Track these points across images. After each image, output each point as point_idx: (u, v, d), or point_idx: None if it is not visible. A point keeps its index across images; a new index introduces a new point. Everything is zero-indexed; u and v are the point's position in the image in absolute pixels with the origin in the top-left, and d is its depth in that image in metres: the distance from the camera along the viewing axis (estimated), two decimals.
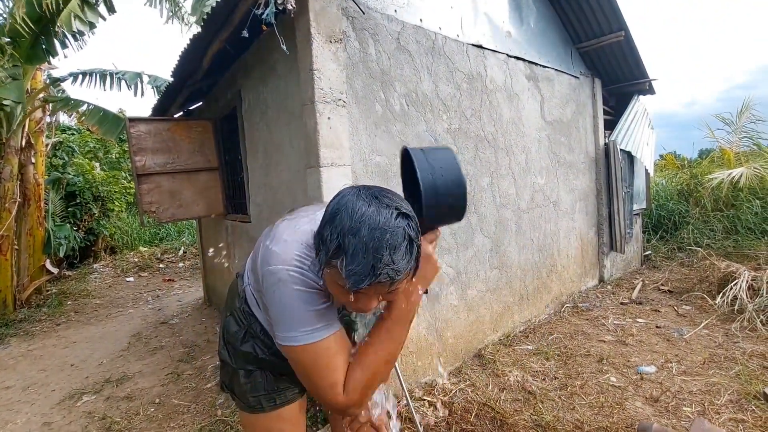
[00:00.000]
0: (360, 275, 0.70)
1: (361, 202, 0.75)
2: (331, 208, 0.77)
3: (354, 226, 0.72)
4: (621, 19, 3.94)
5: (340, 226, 0.73)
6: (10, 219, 4.70)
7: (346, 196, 0.77)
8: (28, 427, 2.48)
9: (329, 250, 0.73)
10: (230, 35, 2.46)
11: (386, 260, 0.71)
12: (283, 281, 0.84)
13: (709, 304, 3.69)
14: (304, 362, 0.86)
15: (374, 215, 0.72)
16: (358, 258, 0.70)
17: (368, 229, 0.71)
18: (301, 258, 0.86)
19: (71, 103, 5.08)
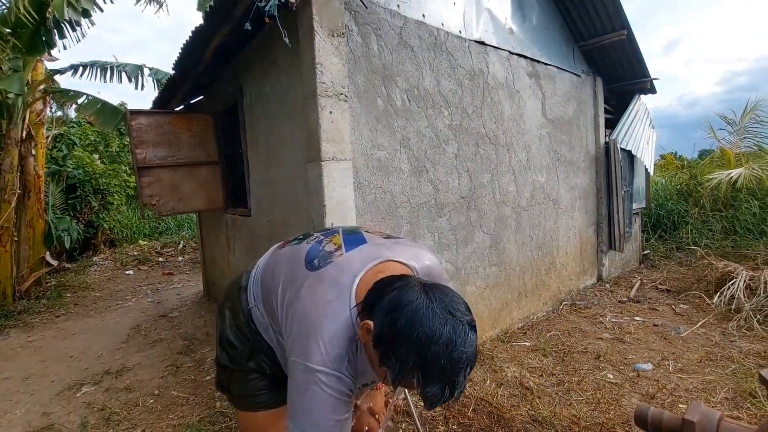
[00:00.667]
0: (438, 398, 0.71)
1: (437, 319, 0.72)
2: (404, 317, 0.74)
3: (434, 349, 0.71)
4: (623, 17, 3.93)
5: (417, 346, 0.71)
6: (10, 210, 4.70)
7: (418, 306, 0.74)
8: (28, 417, 2.49)
9: (405, 370, 0.72)
10: (233, 28, 2.46)
11: (461, 382, 0.72)
12: (320, 384, 0.82)
13: (706, 304, 3.71)
14: None
15: (451, 335, 0.72)
16: (436, 382, 0.71)
17: (447, 356, 0.70)
18: (347, 360, 0.84)
19: (70, 95, 5.07)
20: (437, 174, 2.76)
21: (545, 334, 3.32)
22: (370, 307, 0.81)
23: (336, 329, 0.86)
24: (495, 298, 3.23)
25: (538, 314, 3.68)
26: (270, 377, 1.15)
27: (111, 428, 2.31)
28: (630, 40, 4.14)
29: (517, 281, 3.45)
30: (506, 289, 3.35)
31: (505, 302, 3.33)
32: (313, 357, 0.83)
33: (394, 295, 0.78)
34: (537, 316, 3.67)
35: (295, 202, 2.52)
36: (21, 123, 4.83)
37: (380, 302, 0.79)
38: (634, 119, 4.80)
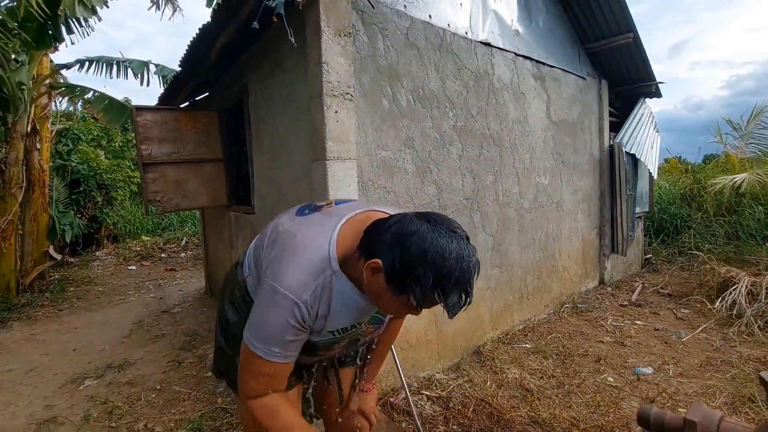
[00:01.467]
0: (458, 306, 0.82)
1: (445, 239, 0.81)
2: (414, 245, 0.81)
3: (448, 264, 0.79)
4: (630, 20, 3.93)
5: (434, 266, 0.79)
6: (16, 204, 4.73)
7: (427, 233, 0.82)
8: (31, 409, 2.51)
9: (426, 290, 0.80)
10: (239, 27, 2.47)
11: (471, 286, 0.83)
12: (282, 307, 0.88)
13: (708, 309, 3.71)
14: (248, 363, 0.95)
15: (458, 250, 0.81)
16: (454, 293, 0.81)
17: (458, 267, 0.80)
18: (312, 293, 0.90)
19: (77, 90, 5.10)
20: (441, 175, 2.77)
21: (546, 336, 3.32)
22: (368, 249, 0.86)
23: (309, 258, 0.91)
24: (496, 300, 3.24)
25: (539, 316, 3.69)
26: None
27: (113, 422, 2.33)
28: (636, 43, 4.14)
29: (518, 283, 3.46)
30: (508, 290, 3.35)
31: (506, 304, 3.34)
32: (280, 279, 0.89)
33: (396, 228, 0.84)
34: (538, 318, 3.67)
35: (300, 201, 2.51)
36: (26, 117, 4.86)
37: (381, 239, 0.85)
38: (639, 123, 4.80)
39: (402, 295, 0.83)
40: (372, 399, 1.33)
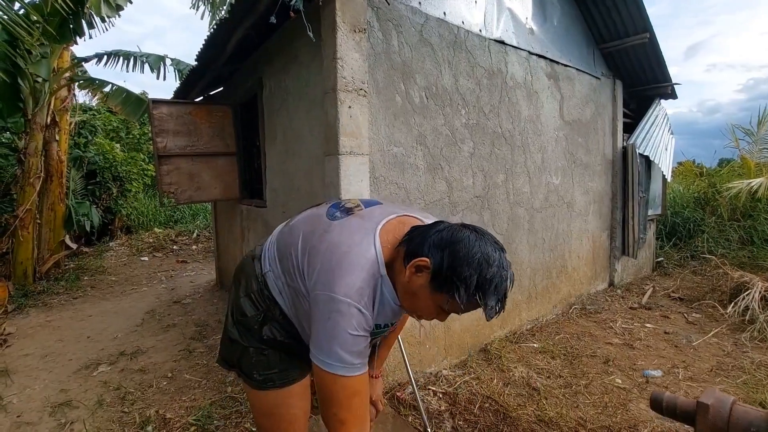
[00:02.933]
0: (494, 311, 0.87)
1: (490, 247, 0.90)
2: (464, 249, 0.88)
3: (491, 271, 0.87)
4: (646, 20, 3.88)
5: (479, 270, 0.86)
6: (34, 194, 4.84)
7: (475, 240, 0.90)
8: (46, 393, 2.58)
9: (469, 292, 0.86)
10: (255, 21, 2.50)
11: (506, 295, 0.89)
12: (343, 315, 0.89)
13: (719, 313, 3.66)
14: (329, 388, 0.93)
15: (500, 260, 0.89)
16: (492, 297, 0.87)
17: (499, 275, 0.87)
18: (368, 297, 0.92)
19: (96, 83, 5.19)
20: (452, 172, 2.77)
21: (554, 336, 3.31)
22: (414, 249, 0.92)
23: (361, 264, 0.93)
24: None
25: (547, 317, 3.67)
26: (282, 350, 1.15)
27: (126, 407, 2.38)
28: (652, 44, 4.08)
29: (527, 282, 3.45)
30: (516, 289, 3.34)
31: (514, 303, 3.34)
32: (336, 288, 0.90)
33: (445, 233, 0.91)
34: (546, 318, 3.66)
35: (311, 195, 2.56)
36: (46, 109, 4.97)
37: (429, 241, 0.91)
38: (653, 124, 4.74)
39: (443, 293, 0.88)
40: (379, 386, 1.36)
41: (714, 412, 0.68)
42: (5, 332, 3.59)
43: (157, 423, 2.21)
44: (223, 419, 2.22)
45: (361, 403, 0.95)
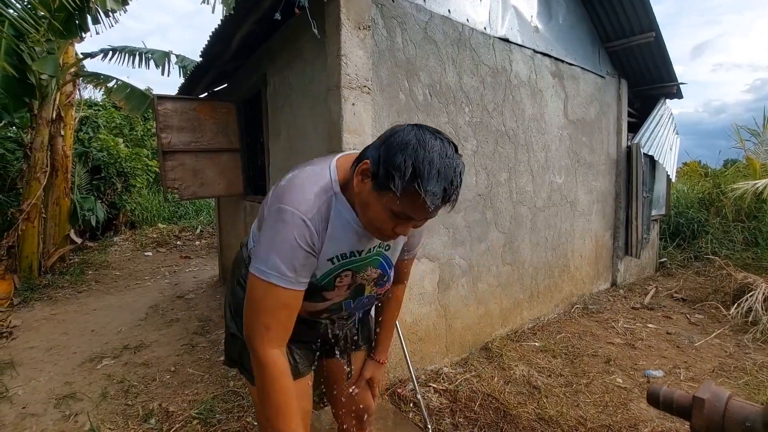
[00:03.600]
0: (438, 197, 0.80)
1: (429, 135, 0.83)
2: (398, 139, 0.83)
3: (428, 155, 0.80)
4: (652, 19, 3.86)
5: (414, 155, 0.80)
6: (40, 188, 4.88)
7: (411, 130, 0.84)
8: (51, 385, 2.61)
9: (405, 176, 0.79)
10: (260, 18, 2.50)
11: (455, 184, 0.82)
12: (286, 224, 0.87)
13: (722, 315, 3.65)
14: (260, 297, 0.90)
15: (443, 148, 0.82)
16: (434, 181, 0.79)
17: (439, 158, 0.80)
18: (317, 210, 0.90)
19: (101, 78, 5.22)
20: None
21: (555, 335, 3.31)
22: (359, 158, 0.91)
23: (312, 180, 0.93)
24: (506, 297, 3.24)
25: (549, 316, 3.67)
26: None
27: (129, 400, 2.41)
28: (658, 43, 4.06)
29: (529, 281, 3.45)
30: (518, 288, 3.35)
31: (516, 302, 3.34)
32: (285, 200, 0.89)
33: (386, 133, 0.88)
34: (548, 317, 3.66)
35: None
36: (52, 104, 4.99)
37: (370, 146, 0.89)
38: (658, 124, 4.71)
39: (384, 191, 0.83)
40: (382, 372, 1.37)
41: (710, 406, 0.68)
42: (11, 325, 3.63)
43: (160, 416, 2.23)
44: (225, 413, 2.24)
45: (289, 318, 0.93)
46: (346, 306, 1.09)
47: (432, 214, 0.86)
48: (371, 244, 1.02)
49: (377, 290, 1.12)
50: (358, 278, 1.05)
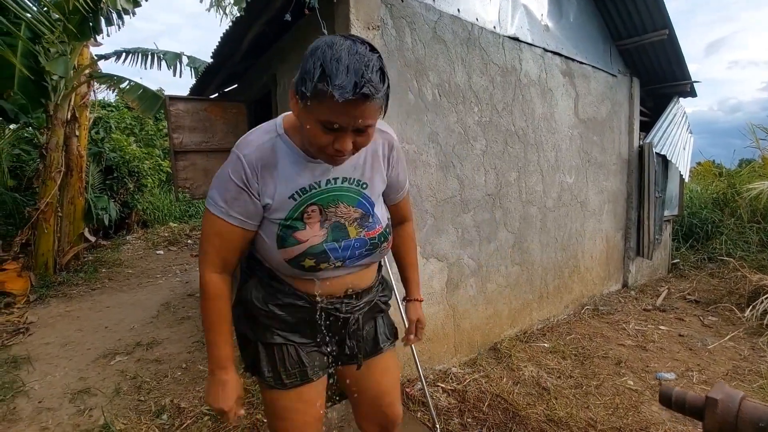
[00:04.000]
0: (346, 88, 0.76)
1: (339, 38, 0.82)
2: (309, 49, 0.84)
3: (335, 53, 0.78)
4: (665, 16, 3.80)
5: (322, 56, 0.79)
6: (55, 188, 4.97)
7: (323, 37, 0.85)
8: (66, 380, 2.67)
9: (314, 77, 0.78)
10: (270, 19, 2.53)
11: (367, 77, 0.78)
12: (228, 162, 0.98)
13: (737, 317, 3.58)
14: (203, 224, 1.03)
15: (352, 46, 0.80)
16: (342, 75, 0.77)
17: (348, 55, 0.79)
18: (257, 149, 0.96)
19: (114, 79, 5.31)
20: (464, 170, 2.77)
21: (565, 336, 3.29)
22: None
23: (258, 129, 1.01)
24: (515, 298, 3.22)
25: (558, 317, 3.64)
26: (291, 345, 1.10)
27: (142, 396, 2.45)
28: (671, 40, 4.00)
29: (538, 282, 3.43)
30: (527, 289, 3.33)
31: (525, 302, 3.32)
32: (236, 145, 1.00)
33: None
34: (558, 318, 3.63)
35: None
36: (67, 105, 5.09)
37: None
38: (671, 123, 4.64)
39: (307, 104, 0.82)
40: (420, 308, 1.38)
41: (723, 406, 0.68)
42: (27, 321, 3.71)
43: (171, 412, 2.27)
44: None
45: (223, 247, 1.00)
46: (332, 251, 1.02)
47: (353, 114, 0.82)
48: (330, 175, 1.01)
49: (366, 233, 1.06)
50: (330, 214, 1.02)
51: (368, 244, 1.07)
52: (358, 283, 1.13)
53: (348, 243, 1.04)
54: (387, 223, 1.14)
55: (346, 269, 1.08)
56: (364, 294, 1.16)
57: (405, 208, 1.29)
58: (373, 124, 0.88)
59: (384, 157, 1.10)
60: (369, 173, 1.06)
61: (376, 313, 1.25)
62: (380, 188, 1.12)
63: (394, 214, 1.27)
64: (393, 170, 1.14)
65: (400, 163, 1.15)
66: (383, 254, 1.16)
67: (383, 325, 1.27)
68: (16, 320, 3.73)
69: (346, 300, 1.12)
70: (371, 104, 0.81)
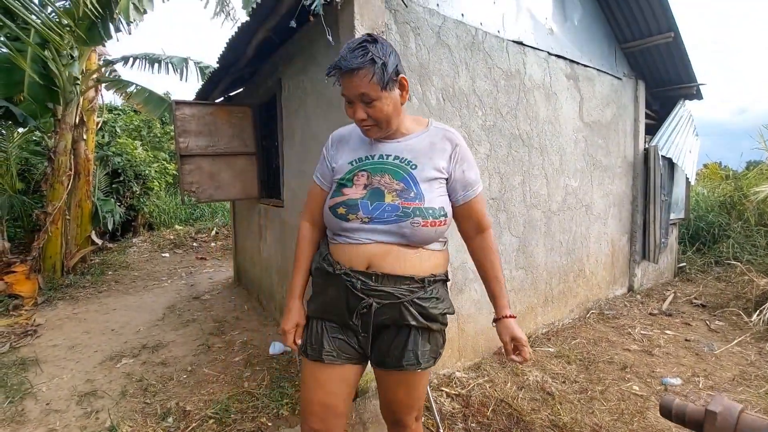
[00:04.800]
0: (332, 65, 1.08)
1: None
2: None
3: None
4: (671, 18, 3.79)
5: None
6: (63, 191, 5.03)
7: None
8: (73, 382, 2.69)
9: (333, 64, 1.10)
10: (276, 24, 2.55)
11: (342, 55, 1.06)
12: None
13: (744, 322, 3.55)
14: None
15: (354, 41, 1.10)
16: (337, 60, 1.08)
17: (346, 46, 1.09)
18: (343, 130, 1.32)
19: (122, 84, 5.37)
20: None
21: (570, 341, 3.27)
22: None
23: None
24: (520, 302, 3.22)
25: (563, 321, 3.63)
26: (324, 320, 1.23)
27: (148, 398, 2.47)
28: (677, 43, 3.99)
29: (543, 286, 3.41)
30: (532, 293, 3.32)
31: (530, 306, 3.31)
32: None
33: None
34: (562, 322, 3.62)
35: None
36: (75, 109, 5.15)
37: None
38: (677, 126, 4.62)
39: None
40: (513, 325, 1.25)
41: (722, 420, 0.68)
42: (35, 323, 3.75)
43: (177, 415, 2.28)
44: (240, 413, 2.27)
45: (310, 201, 1.32)
46: (363, 206, 1.15)
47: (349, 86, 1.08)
48: (383, 151, 1.21)
49: (402, 202, 1.14)
50: (374, 180, 1.17)
51: (400, 210, 1.13)
52: (380, 262, 1.14)
53: (380, 204, 1.15)
54: (435, 208, 1.16)
55: (374, 235, 1.15)
56: (387, 281, 1.14)
57: (477, 212, 1.26)
58: (374, 96, 1.08)
59: (443, 150, 1.21)
60: (421, 158, 1.19)
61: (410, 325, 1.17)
62: (432, 174, 1.18)
63: (467, 218, 1.27)
64: (457, 166, 1.22)
65: (466, 162, 1.23)
66: (416, 230, 1.13)
67: (417, 343, 1.18)
68: (24, 322, 3.78)
69: (364, 278, 1.14)
70: (357, 76, 1.05)
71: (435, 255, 1.22)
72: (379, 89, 1.07)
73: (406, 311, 1.15)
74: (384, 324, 1.17)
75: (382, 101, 1.09)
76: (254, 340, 3.31)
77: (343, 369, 1.21)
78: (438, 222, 1.16)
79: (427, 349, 1.21)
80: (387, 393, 1.28)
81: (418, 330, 1.19)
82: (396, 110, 1.14)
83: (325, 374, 1.20)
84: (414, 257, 1.17)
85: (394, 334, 1.19)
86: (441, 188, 1.20)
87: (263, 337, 3.35)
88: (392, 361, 1.19)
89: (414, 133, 1.22)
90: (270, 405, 2.33)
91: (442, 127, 1.24)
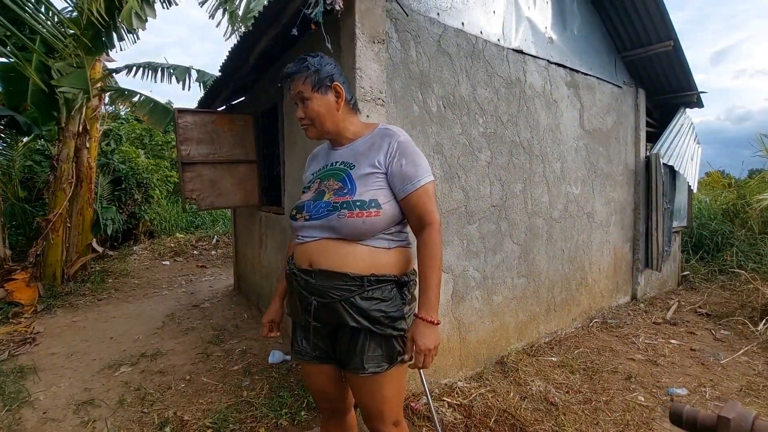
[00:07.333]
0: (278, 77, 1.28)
1: None
2: None
3: None
4: (670, 27, 3.81)
5: None
6: (65, 199, 5.04)
7: None
8: (71, 391, 2.67)
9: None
10: (278, 33, 2.57)
11: (287, 66, 1.27)
12: None
13: (750, 331, 3.50)
14: None
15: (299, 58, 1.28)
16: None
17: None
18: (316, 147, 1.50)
19: (126, 94, 5.41)
20: (469, 181, 2.76)
21: (573, 350, 3.23)
22: None
23: None
24: (522, 310, 3.18)
25: (566, 330, 3.59)
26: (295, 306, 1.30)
27: (145, 407, 2.43)
28: (676, 51, 4.00)
29: (545, 294, 3.38)
30: (534, 301, 3.29)
31: (532, 315, 3.28)
32: None
33: None
34: (565, 331, 3.58)
35: None
36: (78, 118, 5.19)
37: None
38: (678, 133, 4.62)
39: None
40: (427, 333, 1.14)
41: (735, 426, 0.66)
42: (34, 331, 3.73)
43: (175, 424, 2.25)
44: (239, 423, 2.24)
45: None
46: (307, 206, 1.26)
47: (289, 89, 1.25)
48: (335, 159, 1.32)
49: (335, 198, 1.21)
50: (323, 186, 1.27)
51: (330, 205, 1.20)
52: (318, 258, 1.20)
53: (319, 203, 1.23)
54: (366, 200, 1.18)
55: (312, 231, 1.23)
56: (323, 278, 1.17)
57: (419, 207, 1.21)
58: (307, 95, 1.22)
59: (380, 147, 1.25)
60: (360, 158, 1.26)
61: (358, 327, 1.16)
62: (367, 170, 1.23)
63: (409, 212, 1.24)
64: (395, 160, 1.23)
65: (405, 157, 1.23)
66: (341, 222, 1.16)
67: (365, 347, 1.18)
68: (23, 330, 3.76)
69: (306, 276, 1.21)
70: (295, 79, 1.23)
71: (376, 252, 1.19)
72: (311, 89, 1.22)
73: (344, 311, 1.16)
74: (342, 324, 1.20)
75: (313, 101, 1.22)
76: (253, 348, 3.28)
77: (321, 366, 1.31)
78: (365, 213, 1.15)
79: (377, 354, 1.18)
80: (355, 396, 1.33)
81: (368, 333, 1.18)
82: (330, 113, 1.25)
83: (308, 370, 1.34)
84: (348, 253, 1.17)
85: (349, 336, 1.21)
86: (378, 182, 1.22)
87: (263, 345, 3.31)
88: (345, 363, 1.24)
89: (361, 137, 1.30)
90: (269, 415, 2.29)
91: (385, 126, 1.31)
